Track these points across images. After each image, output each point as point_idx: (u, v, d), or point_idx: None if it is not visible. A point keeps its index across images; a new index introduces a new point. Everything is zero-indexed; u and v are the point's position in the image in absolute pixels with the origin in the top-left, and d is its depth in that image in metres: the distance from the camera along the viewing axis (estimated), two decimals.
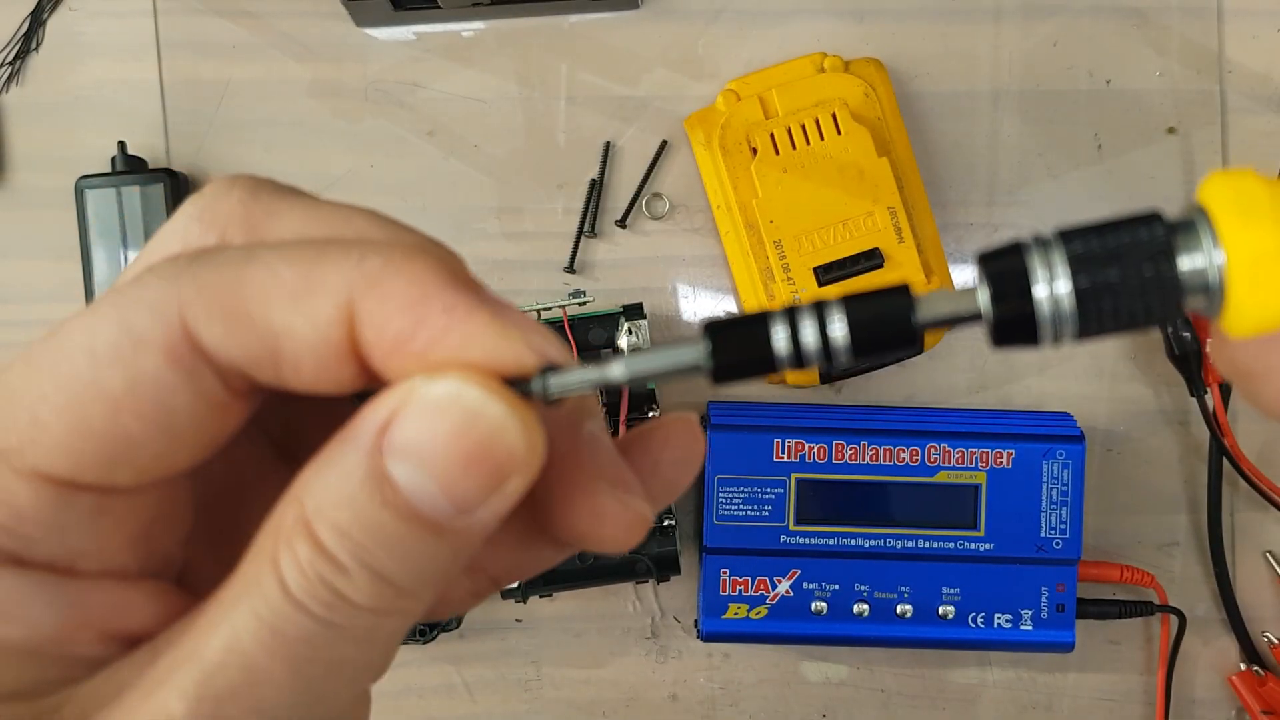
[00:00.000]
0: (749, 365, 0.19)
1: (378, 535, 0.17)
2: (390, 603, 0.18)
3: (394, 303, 0.18)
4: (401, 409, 0.18)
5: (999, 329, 0.19)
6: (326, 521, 0.17)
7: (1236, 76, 0.58)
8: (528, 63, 0.58)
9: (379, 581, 0.18)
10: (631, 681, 0.58)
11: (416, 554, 0.18)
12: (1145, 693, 0.58)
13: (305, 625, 0.17)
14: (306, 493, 0.18)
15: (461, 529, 0.18)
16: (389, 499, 0.17)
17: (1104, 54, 0.58)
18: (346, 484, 0.17)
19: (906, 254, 0.53)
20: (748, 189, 0.54)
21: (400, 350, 0.18)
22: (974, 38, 0.58)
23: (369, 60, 0.58)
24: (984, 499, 0.54)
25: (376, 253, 0.18)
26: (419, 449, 0.17)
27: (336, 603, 0.17)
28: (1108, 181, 0.58)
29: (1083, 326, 0.18)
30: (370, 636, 0.18)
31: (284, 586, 0.17)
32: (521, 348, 0.18)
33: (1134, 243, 0.18)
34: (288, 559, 0.17)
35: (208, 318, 0.18)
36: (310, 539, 0.17)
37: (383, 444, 0.18)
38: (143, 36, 0.58)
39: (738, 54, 0.58)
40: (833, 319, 0.19)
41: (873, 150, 0.53)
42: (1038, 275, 0.18)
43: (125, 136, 0.56)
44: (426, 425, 0.18)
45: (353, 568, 0.17)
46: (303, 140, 0.58)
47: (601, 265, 0.58)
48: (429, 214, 0.58)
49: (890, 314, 0.19)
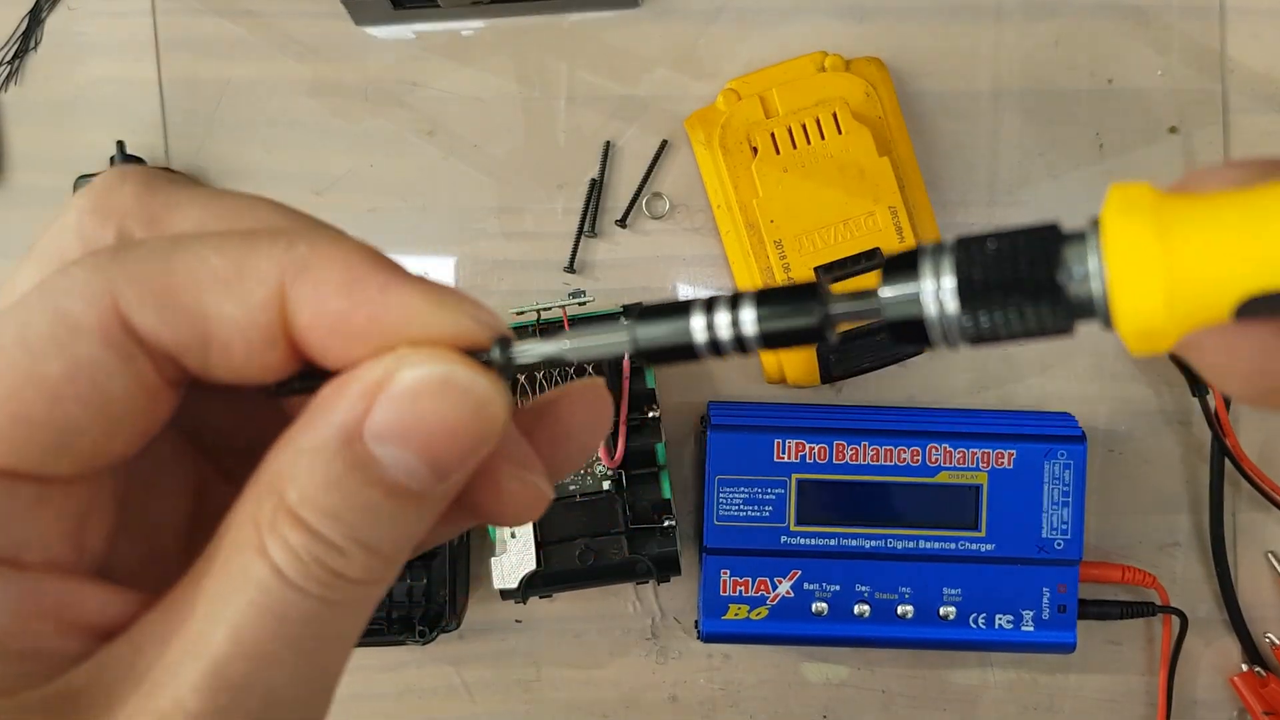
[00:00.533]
0: (668, 351, 0.20)
1: (368, 514, 0.18)
2: (381, 572, 0.19)
3: (328, 285, 0.19)
4: (381, 395, 0.18)
5: (894, 329, 0.19)
6: (316, 507, 0.18)
7: (1238, 76, 0.58)
8: (527, 62, 0.58)
9: (372, 555, 0.19)
10: (631, 682, 0.58)
11: (402, 523, 0.19)
12: (1147, 694, 0.58)
13: (307, 607, 0.18)
14: (286, 482, 0.18)
15: (438, 494, 0.19)
16: (376, 479, 0.18)
17: (1105, 53, 0.58)
18: (330, 470, 0.18)
19: None
20: (748, 188, 0.54)
21: (339, 331, 0.19)
22: (975, 37, 0.58)
23: (368, 59, 0.58)
24: (985, 499, 0.54)
25: (304, 239, 0.19)
26: (405, 430, 0.18)
27: (335, 581, 0.18)
28: (1109, 181, 0.57)
29: (970, 330, 0.19)
30: (364, 605, 0.19)
31: (279, 573, 0.18)
32: (464, 319, 0.19)
33: (1022, 250, 0.18)
34: (278, 547, 0.18)
35: (140, 304, 0.18)
36: (300, 526, 0.18)
37: (363, 430, 0.18)
38: (142, 36, 0.58)
39: (738, 53, 0.57)
40: (745, 312, 0.20)
41: (874, 150, 0.53)
42: (926, 279, 0.19)
43: (124, 136, 0.56)
44: (413, 408, 0.18)
45: (348, 547, 0.18)
46: (302, 140, 0.58)
47: (602, 265, 0.58)
48: (429, 214, 0.58)
49: (797, 310, 0.20)
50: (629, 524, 0.53)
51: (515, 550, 0.53)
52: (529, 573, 0.53)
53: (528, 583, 0.53)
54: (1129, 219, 0.17)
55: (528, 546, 0.53)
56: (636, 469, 0.54)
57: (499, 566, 0.53)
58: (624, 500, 0.53)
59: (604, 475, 0.53)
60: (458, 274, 0.58)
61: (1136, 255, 0.17)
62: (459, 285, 0.58)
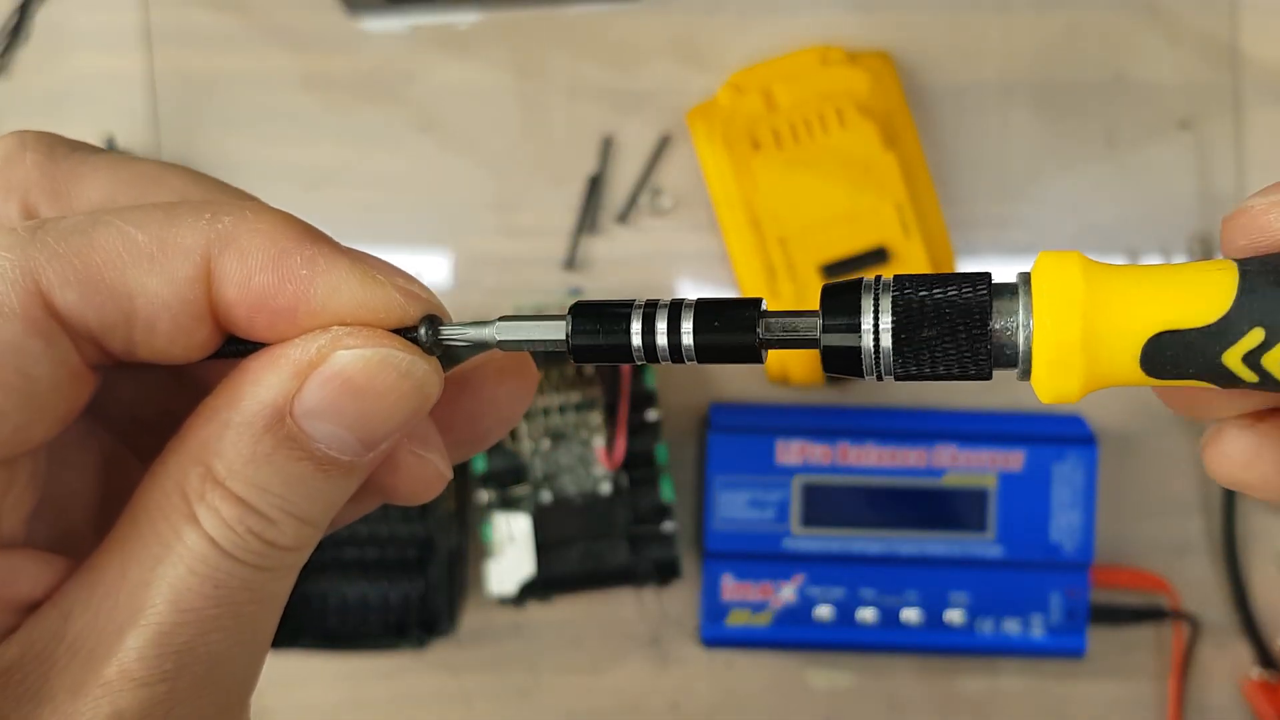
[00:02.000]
0: (604, 351, 0.21)
1: (298, 486, 0.19)
2: (310, 539, 0.20)
3: (254, 259, 0.19)
4: (314, 373, 0.19)
5: (827, 357, 0.20)
6: (245, 480, 0.19)
7: (1250, 68, 0.57)
8: (525, 54, 0.57)
9: (301, 524, 0.19)
10: (632, 689, 0.57)
11: (329, 494, 0.20)
12: (1157, 700, 0.57)
13: (243, 574, 0.19)
14: (213, 455, 0.19)
15: (365, 464, 0.20)
16: (307, 453, 0.19)
17: (1115, 46, 0.57)
18: (261, 444, 0.19)
19: (913, 250, 0.52)
20: (751, 184, 0.53)
21: (265, 307, 0.19)
22: (983, 29, 0.57)
23: (362, 52, 0.57)
24: (994, 502, 0.53)
25: (227, 211, 0.19)
26: (338, 408, 0.19)
27: (267, 550, 0.19)
28: (1119, 176, 0.57)
29: (900, 367, 0.20)
30: (293, 569, 0.20)
31: (213, 542, 0.19)
32: (394, 295, 0.20)
33: (957, 297, 0.20)
34: (210, 516, 0.19)
35: (63, 284, 0.18)
36: (231, 498, 0.19)
37: (294, 406, 0.19)
38: (132, 28, 0.57)
39: (740, 46, 0.57)
40: (684, 323, 0.20)
41: (879, 144, 0.52)
42: (864, 315, 0.20)
43: (115, 129, 0.56)
44: (348, 386, 0.19)
45: (279, 518, 0.19)
46: (295, 133, 0.57)
47: (601, 262, 0.57)
48: (424, 209, 0.57)
49: (734, 327, 0.20)
50: (629, 527, 0.53)
51: (513, 554, 0.53)
52: (527, 577, 0.53)
53: (526, 587, 0.53)
54: (1062, 296, 0.19)
55: (526, 550, 0.53)
56: (637, 471, 0.53)
57: (496, 571, 0.53)
58: (624, 503, 0.53)
59: (603, 478, 0.53)
60: (454, 271, 0.57)
61: (1065, 338, 0.19)
62: (456, 278, 0.57)
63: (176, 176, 0.21)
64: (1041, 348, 0.19)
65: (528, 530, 0.53)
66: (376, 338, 0.19)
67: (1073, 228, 0.57)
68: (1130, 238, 0.57)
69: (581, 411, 0.53)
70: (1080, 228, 0.57)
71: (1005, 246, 0.57)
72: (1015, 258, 0.57)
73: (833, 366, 0.21)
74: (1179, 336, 0.19)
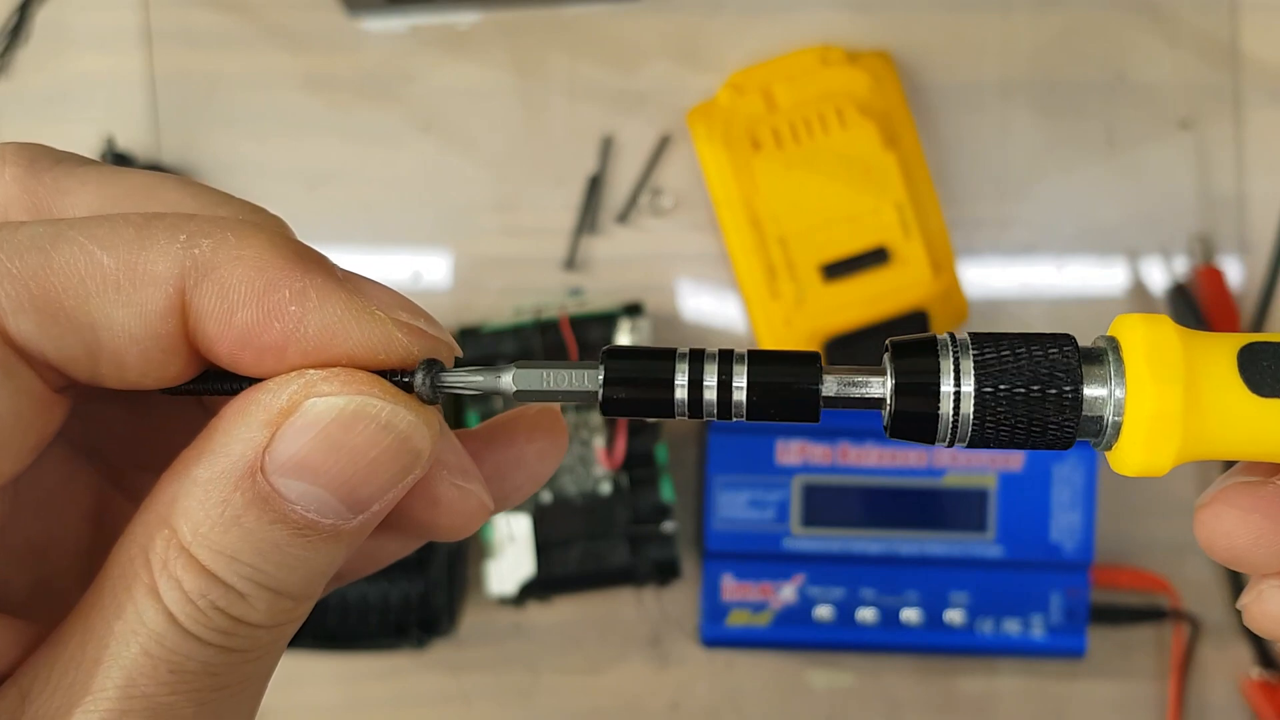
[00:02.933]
0: (644, 405, 0.19)
1: (271, 553, 0.17)
2: (287, 614, 0.17)
3: (236, 293, 0.17)
4: (286, 424, 0.17)
5: (898, 421, 0.19)
6: (211, 546, 0.16)
7: (1250, 69, 0.57)
8: (525, 54, 0.57)
9: (277, 598, 0.17)
10: (632, 689, 0.57)
11: (312, 562, 0.17)
12: (1157, 700, 0.57)
13: (205, 656, 0.16)
14: (179, 516, 0.16)
15: (355, 529, 0.17)
16: (280, 515, 0.17)
17: (1115, 46, 0.57)
18: (228, 506, 0.16)
19: (913, 251, 0.52)
20: (751, 184, 0.53)
21: (251, 344, 0.17)
22: (983, 29, 0.57)
23: (362, 52, 0.57)
24: (994, 502, 0.53)
25: (206, 233, 0.17)
26: (313, 464, 0.17)
27: (235, 628, 0.17)
28: (1119, 176, 0.57)
29: (977, 434, 0.18)
30: (272, 649, 0.18)
31: (173, 619, 0.16)
32: (391, 334, 0.17)
33: (1043, 359, 0.18)
34: (171, 589, 0.16)
35: (16, 309, 0.16)
36: (195, 567, 0.16)
37: (265, 462, 0.16)
38: (132, 28, 0.57)
39: (740, 46, 0.57)
40: (736, 378, 0.18)
41: (879, 144, 0.52)
42: (943, 378, 0.18)
43: (115, 130, 0.56)
44: (322, 440, 0.17)
45: (248, 590, 0.17)
46: (295, 133, 0.57)
47: (601, 262, 0.57)
48: (424, 209, 0.57)
49: (792, 384, 0.19)
50: (629, 527, 0.53)
51: (513, 554, 0.53)
52: (527, 577, 0.52)
53: (525, 587, 0.53)
54: (1160, 365, 0.18)
55: (526, 550, 0.52)
56: (637, 471, 0.53)
57: (496, 571, 0.53)
58: (624, 503, 0.53)
59: (604, 478, 0.53)
60: (453, 270, 0.57)
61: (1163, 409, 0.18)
62: (456, 277, 0.57)
63: (172, 189, 0.19)
64: (1135, 419, 0.18)
65: (528, 530, 0.52)
66: (355, 383, 0.17)
67: (1073, 228, 0.57)
68: (1130, 238, 0.57)
69: (581, 411, 0.53)
70: (1080, 228, 0.57)
71: (1005, 246, 0.57)
72: (1015, 257, 0.57)
73: (901, 431, 0.19)
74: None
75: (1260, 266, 0.55)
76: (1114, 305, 0.57)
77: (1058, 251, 0.57)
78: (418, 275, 0.57)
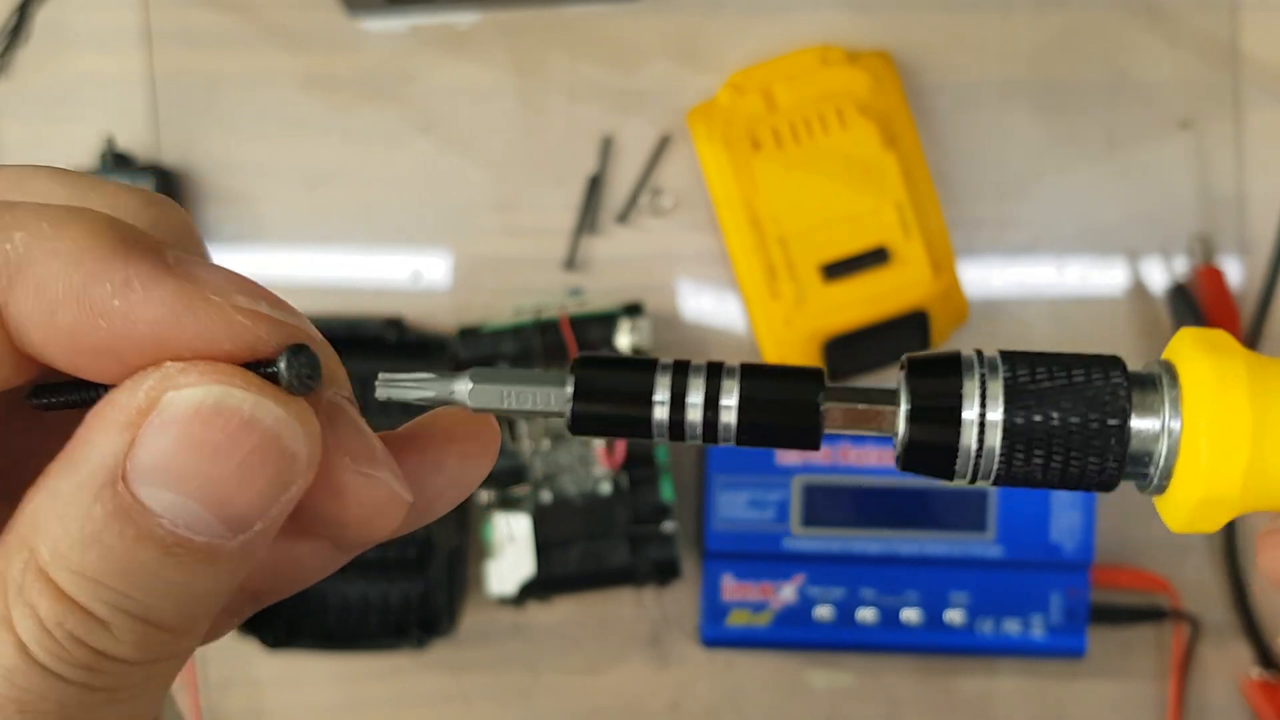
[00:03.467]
0: (614, 424, 0.16)
1: (137, 576, 0.14)
2: (164, 648, 0.15)
3: (52, 290, 0.15)
4: (145, 424, 0.15)
5: (910, 452, 0.16)
6: (69, 567, 0.14)
7: (1250, 69, 0.57)
8: (525, 54, 0.57)
9: (147, 627, 0.15)
10: (631, 689, 0.57)
11: (188, 586, 0.15)
12: (1158, 700, 0.57)
13: (62, 695, 0.14)
14: (38, 534, 0.14)
15: (237, 548, 0.15)
16: (146, 531, 0.14)
17: (1115, 46, 0.57)
18: (87, 521, 0.14)
19: (913, 251, 0.52)
20: (751, 184, 0.53)
21: (82, 348, 0.15)
22: (983, 29, 0.57)
23: (362, 52, 0.57)
24: (993, 502, 0.53)
25: (20, 224, 0.15)
26: (176, 470, 0.15)
27: (97, 662, 0.14)
28: (1119, 176, 0.57)
29: (1003, 470, 0.16)
30: (143, 689, 0.15)
31: (24, 651, 0.14)
32: (236, 318, 0.15)
33: (1085, 386, 0.15)
34: (24, 617, 0.14)
35: None
36: (51, 590, 0.14)
37: (126, 469, 0.15)
38: (132, 28, 0.57)
39: (740, 46, 0.57)
40: (724, 396, 0.16)
41: (879, 144, 0.52)
42: (967, 402, 0.15)
43: (115, 130, 0.56)
44: (183, 440, 0.15)
45: (112, 618, 0.14)
46: (294, 133, 0.57)
47: (601, 262, 0.57)
48: (424, 209, 0.57)
49: (789, 405, 0.16)
50: (629, 527, 0.53)
51: (513, 554, 0.53)
52: (527, 577, 0.52)
53: (525, 587, 0.53)
54: (1224, 388, 0.15)
55: (525, 550, 0.53)
56: (636, 471, 0.53)
57: (496, 571, 0.53)
58: (624, 503, 0.53)
59: (603, 478, 0.53)
60: (453, 271, 0.57)
61: (1228, 434, 0.15)
62: (456, 278, 0.57)
63: (43, 180, 0.17)
64: (1191, 461, 0.15)
65: (528, 530, 0.52)
66: (215, 373, 0.15)
67: (1073, 227, 0.57)
68: (1130, 238, 0.57)
69: None
70: (1080, 227, 0.57)
71: (1005, 246, 0.57)
72: (1015, 257, 0.57)
73: (915, 464, 0.16)
74: None
75: (1260, 266, 0.55)
76: (1114, 305, 0.57)
77: (1058, 251, 0.57)
78: (418, 275, 0.57)
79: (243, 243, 0.57)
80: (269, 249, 0.57)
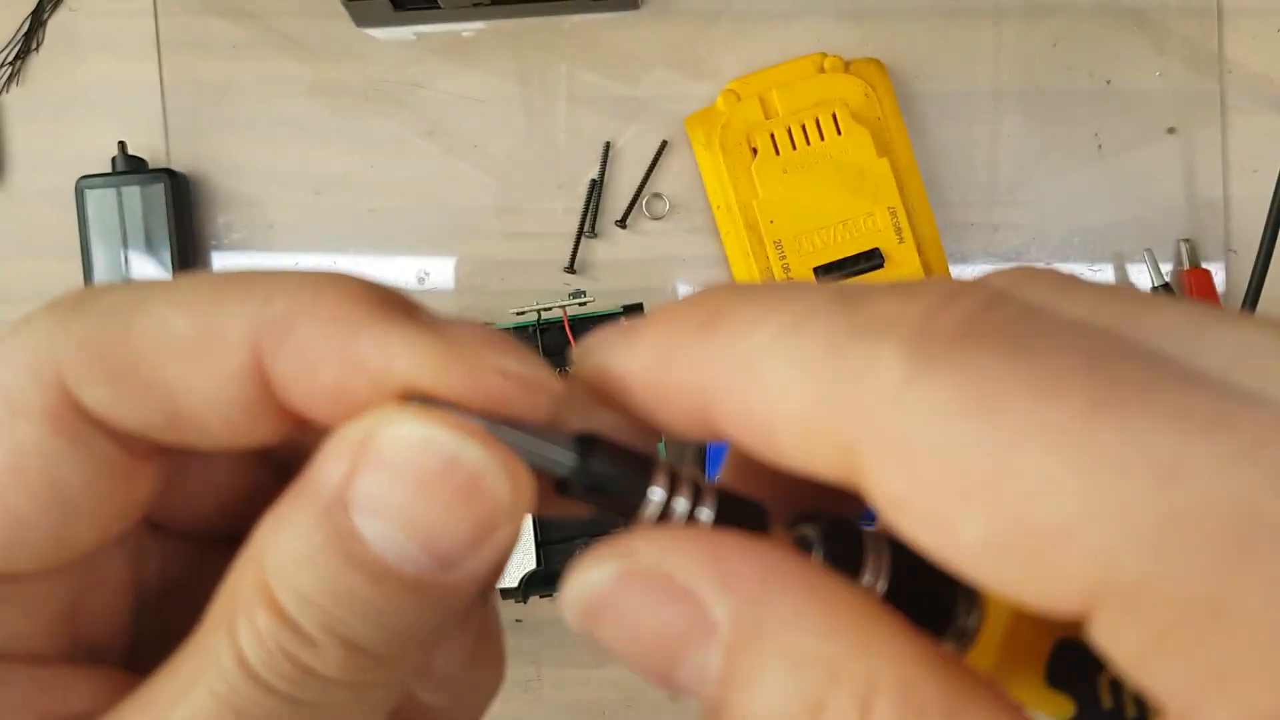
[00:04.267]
0: (612, 503, 0.17)
1: (347, 599, 0.15)
2: (368, 673, 0.16)
3: (317, 351, 0.15)
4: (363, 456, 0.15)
5: None
6: (287, 585, 0.15)
7: (1236, 76, 0.58)
8: (528, 63, 0.58)
9: (352, 651, 0.15)
10: (633, 682, 0.58)
11: (394, 616, 0.15)
12: None
13: (270, 705, 0.15)
14: (265, 551, 0.15)
15: (447, 584, 0.16)
16: (358, 558, 0.15)
17: (1104, 53, 0.58)
18: (307, 542, 0.15)
19: (906, 254, 0.53)
20: (748, 189, 0.54)
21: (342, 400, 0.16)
22: (974, 37, 0.58)
23: (369, 60, 0.58)
24: None
25: (283, 291, 0.16)
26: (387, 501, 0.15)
27: (303, 678, 0.15)
28: (1108, 181, 0.58)
29: None
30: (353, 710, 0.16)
31: (242, 660, 0.15)
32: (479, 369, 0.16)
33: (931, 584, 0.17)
34: (246, 628, 0.15)
35: (90, 379, 0.16)
36: (270, 606, 0.15)
37: (347, 496, 0.15)
38: (143, 36, 0.58)
39: (738, 54, 0.58)
40: (701, 509, 0.17)
41: (873, 150, 0.53)
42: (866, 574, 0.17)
43: (125, 136, 0.56)
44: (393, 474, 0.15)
45: (320, 637, 0.15)
46: (302, 140, 0.58)
47: (602, 265, 0.58)
48: (428, 214, 0.58)
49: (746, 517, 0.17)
50: (630, 523, 0.53)
51: (515, 549, 0.53)
52: (529, 572, 0.53)
53: (528, 582, 0.53)
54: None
55: (528, 546, 0.53)
56: None
57: None
58: None
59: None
60: (457, 274, 0.58)
61: None
62: (460, 281, 0.58)
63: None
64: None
65: (529, 525, 0.53)
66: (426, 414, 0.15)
67: (1062, 231, 0.58)
68: (1119, 241, 0.58)
69: None
70: (1070, 231, 0.58)
71: (996, 249, 0.58)
72: (1006, 260, 0.58)
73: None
74: None
75: (1246, 268, 0.56)
76: None
77: (1048, 255, 0.58)
78: (423, 278, 0.58)
79: (251, 247, 0.58)
80: (277, 253, 0.58)
